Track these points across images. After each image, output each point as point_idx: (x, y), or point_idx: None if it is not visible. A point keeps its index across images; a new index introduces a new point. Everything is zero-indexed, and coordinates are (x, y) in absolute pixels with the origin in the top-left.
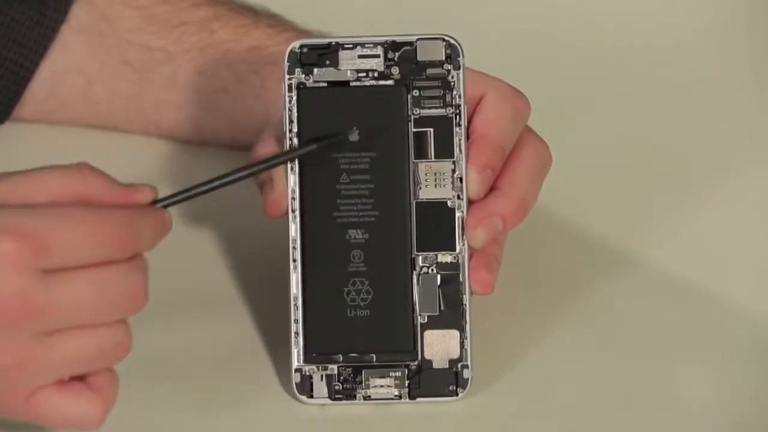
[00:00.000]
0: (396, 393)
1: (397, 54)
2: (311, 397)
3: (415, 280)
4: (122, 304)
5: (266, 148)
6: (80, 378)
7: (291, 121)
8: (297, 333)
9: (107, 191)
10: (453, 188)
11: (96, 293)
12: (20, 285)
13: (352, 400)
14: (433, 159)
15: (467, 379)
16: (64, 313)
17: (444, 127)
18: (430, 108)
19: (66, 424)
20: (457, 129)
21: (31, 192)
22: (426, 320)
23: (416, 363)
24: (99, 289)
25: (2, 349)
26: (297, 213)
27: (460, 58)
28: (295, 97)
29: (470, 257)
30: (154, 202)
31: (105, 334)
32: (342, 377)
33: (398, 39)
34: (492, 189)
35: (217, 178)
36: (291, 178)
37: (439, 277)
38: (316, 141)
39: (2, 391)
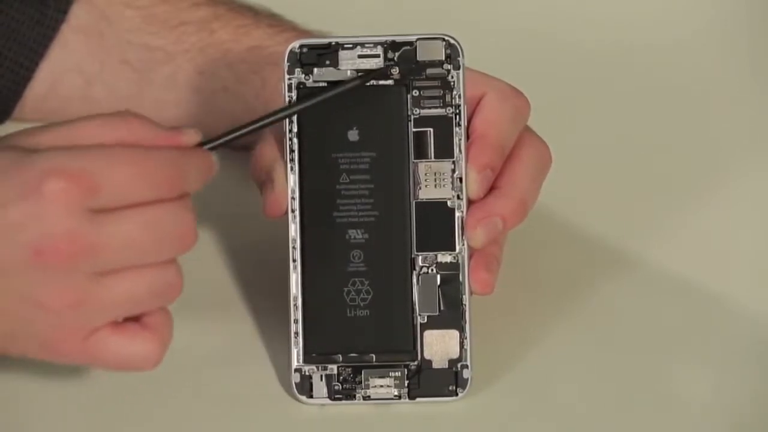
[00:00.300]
0: (396, 393)
1: (397, 54)
2: (311, 397)
3: (414, 280)
4: (172, 243)
5: (266, 147)
6: (135, 318)
7: (291, 121)
8: (297, 333)
9: (153, 135)
10: (453, 188)
11: (146, 232)
12: (71, 225)
13: (352, 400)
14: (432, 159)
15: (467, 379)
16: (115, 252)
17: (444, 127)
18: (430, 108)
19: (123, 364)
20: (457, 129)
21: (78, 138)
22: (426, 320)
23: (416, 363)
24: (148, 228)
25: (56, 291)
26: (297, 213)
27: (460, 58)
28: (295, 97)
29: (470, 257)
30: (200, 144)
31: (157, 274)
32: (342, 377)
33: (398, 39)
34: (492, 189)
35: (264, 117)
36: (291, 178)
37: (438, 277)
38: (361, 78)
39: (57, 334)
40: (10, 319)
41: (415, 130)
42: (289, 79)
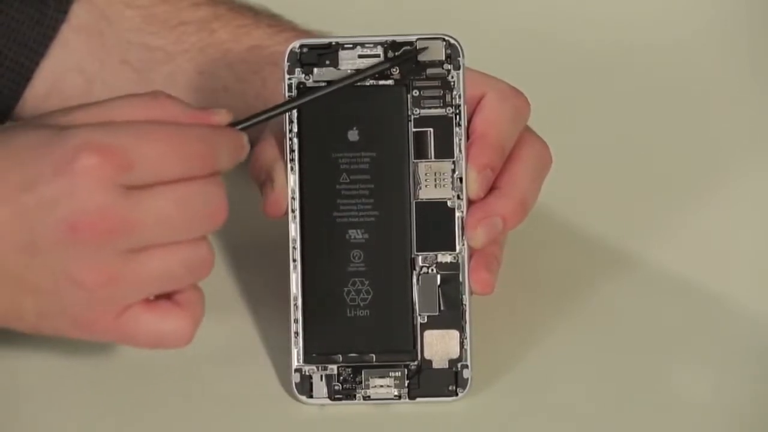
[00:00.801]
0: (396, 393)
1: (397, 54)
2: (311, 397)
3: (414, 280)
4: (203, 220)
5: (266, 147)
6: (166, 296)
7: (291, 121)
8: (297, 333)
9: (184, 114)
10: (453, 188)
11: (178, 209)
12: (104, 201)
13: (352, 400)
14: (433, 159)
15: (467, 379)
16: (147, 229)
17: (444, 127)
18: (430, 108)
19: (156, 342)
20: (457, 129)
21: (111, 116)
22: (426, 320)
23: (416, 363)
24: (181, 204)
25: (89, 267)
26: (297, 213)
27: (460, 58)
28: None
29: (470, 257)
30: (232, 124)
31: (189, 251)
32: (342, 377)
33: (398, 39)
34: (492, 189)
35: (294, 99)
36: (291, 178)
37: (439, 277)
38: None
39: (90, 312)
40: (43, 296)
41: (415, 130)
42: (289, 78)
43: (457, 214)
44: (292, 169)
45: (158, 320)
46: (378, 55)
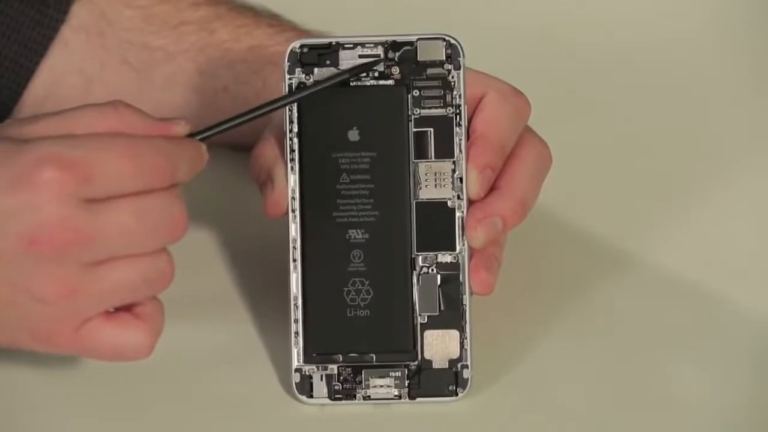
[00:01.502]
0: (396, 393)
1: (397, 54)
2: (311, 397)
3: (415, 280)
4: (163, 232)
5: (266, 147)
6: (126, 308)
7: (291, 121)
8: (297, 333)
9: (144, 125)
10: (453, 188)
11: (138, 221)
12: (64, 213)
13: (352, 400)
14: (433, 159)
15: (467, 379)
16: (107, 241)
17: (444, 127)
18: (430, 108)
19: (116, 354)
20: (458, 129)
21: (70, 128)
22: (426, 320)
23: (416, 363)
24: (140, 217)
25: (50, 280)
26: (297, 213)
27: (461, 58)
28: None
29: (470, 257)
30: (191, 134)
31: (149, 263)
32: (342, 377)
33: (398, 39)
34: (492, 189)
35: (255, 109)
36: (291, 178)
37: (439, 277)
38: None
39: (49, 324)
40: (2, 309)
41: (415, 130)
42: (290, 78)
43: (458, 214)
44: (292, 169)
45: (118, 332)
46: (378, 55)
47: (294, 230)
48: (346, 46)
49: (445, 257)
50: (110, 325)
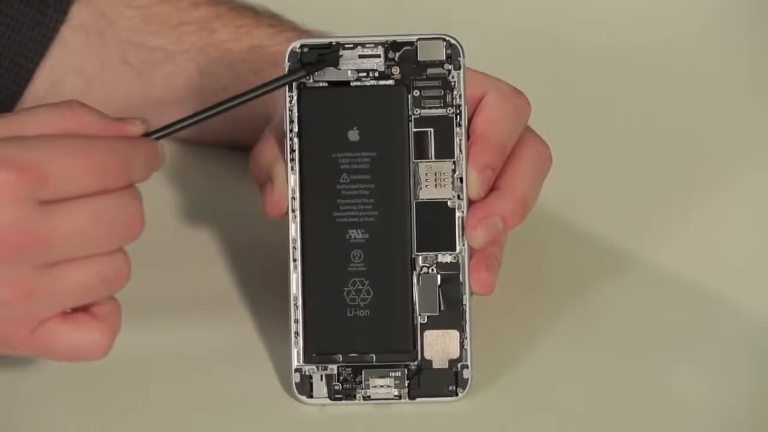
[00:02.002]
0: (396, 393)
1: (397, 54)
2: (311, 397)
3: (415, 280)
4: (119, 232)
5: (266, 147)
6: (83, 309)
7: (291, 121)
8: (297, 333)
9: (98, 124)
10: (453, 188)
11: (93, 222)
12: (19, 216)
13: (352, 400)
14: (433, 159)
15: (467, 379)
16: (63, 243)
17: (444, 127)
18: (430, 108)
19: (73, 355)
20: (458, 129)
21: (24, 128)
22: (426, 320)
23: (416, 363)
24: (96, 217)
25: (5, 283)
26: (297, 213)
27: (461, 58)
28: (295, 97)
29: (470, 257)
30: (147, 134)
31: (105, 263)
32: (342, 377)
33: (399, 39)
34: (492, 189)
35: (208, 109)
36: (291, 178)
37: (439, 277)
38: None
39: (5, 326)
40: None
41: (415, 130)
42: None
43: (458, 214)
44: (292, 169)
45: (75, 333)
46: (378, 55)
47: (294, 230)
48: (346, 46)
49: (445, 257)
50: (67, 325)
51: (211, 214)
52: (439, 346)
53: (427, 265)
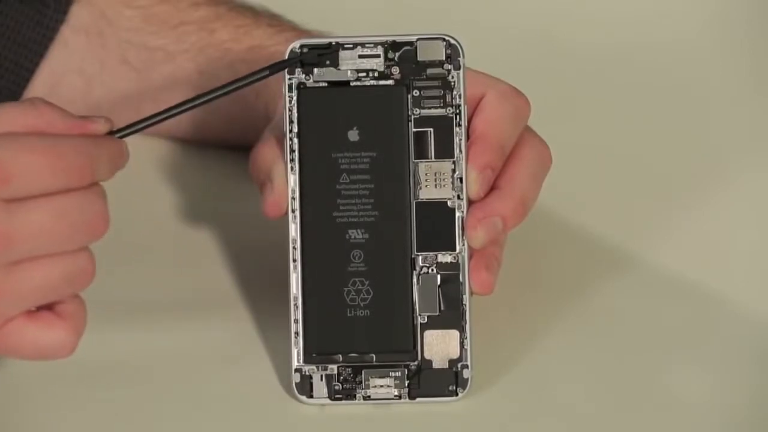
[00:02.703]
0: (396, 393)
1: (397, 54)
2: (311, 397)
3: (415, 280)
4: (83, 231)
5: (266, 147)
6: (48, 307)
7: (291, 121)
8: (297, 333)
9: (63, 123)
10: (453, 188)
11: (57, 220)
12: None
13: (352, 400)
14: (433, 159)
15: (467, 379)
16: (26, 241)
17: (444, 127)
18: (430, 108)
19: (39, 353)
20: (457, 129)
21: None
22: (426, 320)
23: (416, 363)
24: (60, 216)
25: None
26: (297, 213)
27: (461, 58)
28: (295, 97)
29: (470, 257)
30: (112, 133)
31: (69, 262)
32: (342, 377)
33: (398, 39)
34: (492, 189)
35: (175, 107)
36: (291, 178)
37: (439, 277)
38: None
39: None
40: None
41: (415, 130)
42: (290, 79)
43: (458, 214)
44: (292, 169)
45: (40, 332)
46: (378, 55)
47: (294, 230)
48: (346, 46)
49: (445, 257)
50: (32, 324)
51: (211, 214)
52: (439, 346)
53: (427, 265)
